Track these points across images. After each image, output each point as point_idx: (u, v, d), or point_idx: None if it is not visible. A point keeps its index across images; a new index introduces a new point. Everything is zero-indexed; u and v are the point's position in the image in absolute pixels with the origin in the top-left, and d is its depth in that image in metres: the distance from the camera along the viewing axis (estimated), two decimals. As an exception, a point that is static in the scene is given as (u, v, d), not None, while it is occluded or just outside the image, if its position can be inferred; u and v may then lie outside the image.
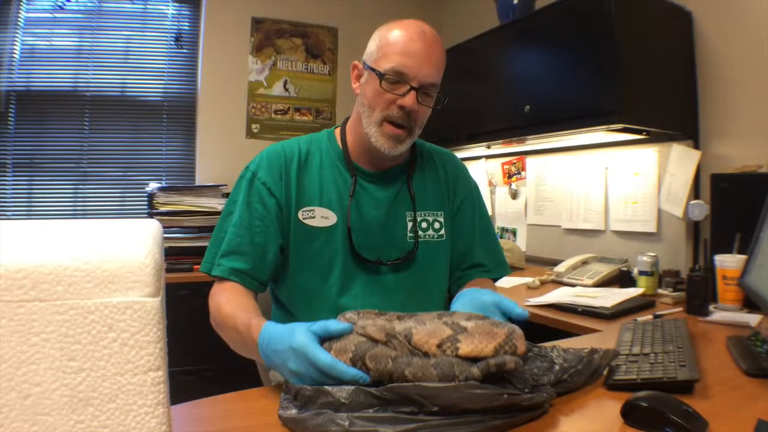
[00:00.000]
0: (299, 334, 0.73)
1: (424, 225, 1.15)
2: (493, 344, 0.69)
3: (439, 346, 0.69)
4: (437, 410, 0.62)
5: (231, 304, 0.97)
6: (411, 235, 1.13)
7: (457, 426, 0.61)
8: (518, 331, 0.73)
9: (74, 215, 2.67)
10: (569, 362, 0.80)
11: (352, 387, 0.66)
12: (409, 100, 1.01)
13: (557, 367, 0.78)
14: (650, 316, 1.37)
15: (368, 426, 0.60)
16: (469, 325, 0.70)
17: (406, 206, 1.14)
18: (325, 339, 0.73)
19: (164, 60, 2.84)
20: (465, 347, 0.68)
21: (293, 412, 0.67)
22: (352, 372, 0.68)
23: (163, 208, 2.40)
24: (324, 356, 0.70)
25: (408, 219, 1.13)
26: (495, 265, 1.22)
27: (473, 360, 0.68)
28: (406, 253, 1.11)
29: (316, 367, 0.69)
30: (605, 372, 0.85)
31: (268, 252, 1.06)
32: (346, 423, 0.61)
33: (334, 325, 0.74)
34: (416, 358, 0.68)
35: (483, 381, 0.66)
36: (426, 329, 0.70)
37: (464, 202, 1.21)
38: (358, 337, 0.71)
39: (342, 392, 0.65)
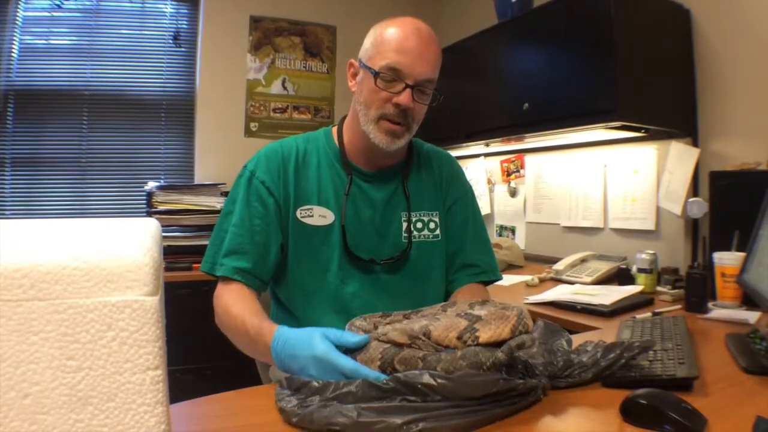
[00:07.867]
0: (319, 343, 0.76)
1: (419, 225, 1.15)
2: (509, 326, 0.73)
3: (459, 338, 0.72)
4: (440, 398, 0.64)
5: (238, 305, 0.98)
6: (405, 235, 1.13)
7: (461, 415, 0.63)
8: (525, 311, 0.77)
9: (73, 214, 2.67)
10: (587, 355, 0.82)
11: (361, 380, 0.68)
12: (404, 98, 1.02)
13: (561, 363, 0.80)
14: (649, 314, 1.37)
15: (375, 416, 0.61)
16: (483, 313, 0.74)
17: (401, 206, 1.14)
18: (342, 349, 0.77)
19: (163, 58, 2.83)
20: (484, 335, 0.72)
21: (294, 404, 0.68)
22: (375, 374, 0.71)
23: (161, 207, 2.40)
24: (347, 361, 0.73)
25: (403, 219, 1.13)
26: (487, 267, 1.21)
27: (494, 345, 0.71)
28: (399, 252, 1.11)
29: (341, 372, 0.73)
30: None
31: (270, 251, 1.06)
32: (354, 414, 0.62)
33: (351, 337, 0.77)
34: (443, 353, 0.70)
35: (505, 365, 0.70)
36: (442, 324, 0.74)
37: (457, 203, 1.21)
38: (381, 345, 0.74)
39: (350, 384, 0.67)
